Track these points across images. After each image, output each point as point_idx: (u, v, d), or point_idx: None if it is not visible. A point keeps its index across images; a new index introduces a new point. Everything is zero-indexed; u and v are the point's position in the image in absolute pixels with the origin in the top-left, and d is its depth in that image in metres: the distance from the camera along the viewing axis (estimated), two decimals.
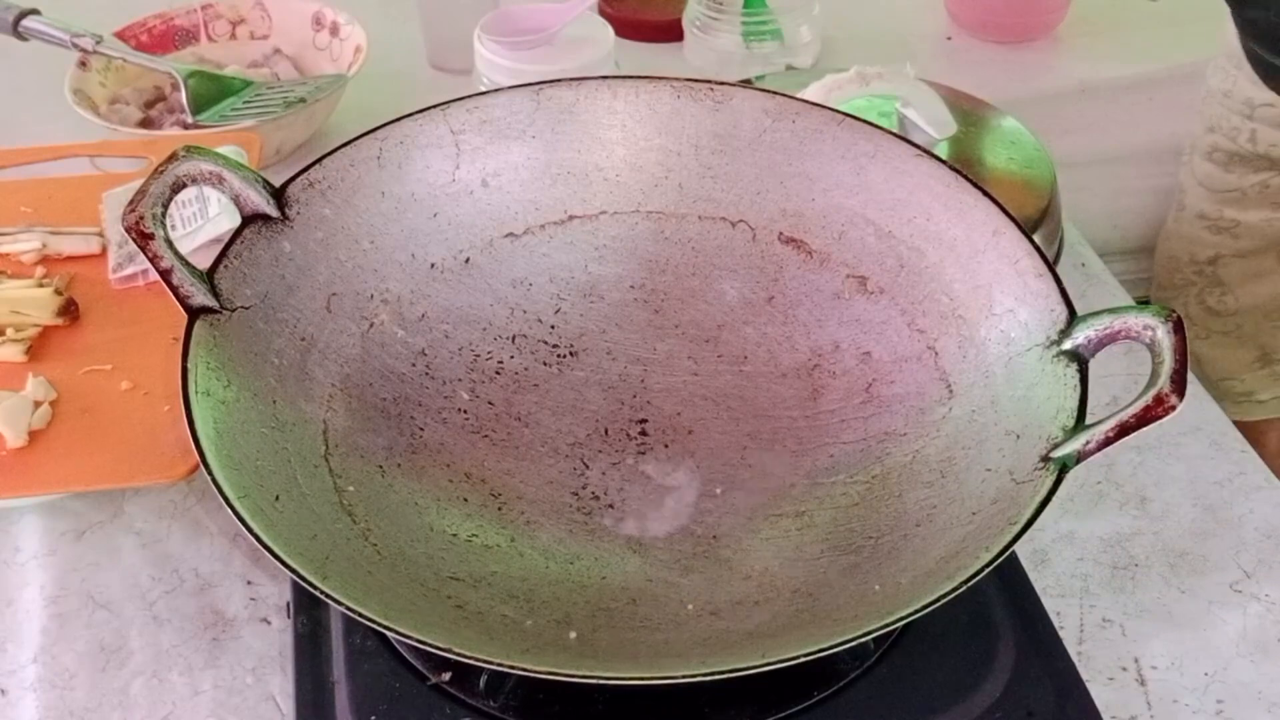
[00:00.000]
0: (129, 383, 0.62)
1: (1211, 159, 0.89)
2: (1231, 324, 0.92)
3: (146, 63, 0.87)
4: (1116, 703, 0.53)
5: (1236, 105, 0.86)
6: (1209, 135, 0.89)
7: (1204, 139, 0.90)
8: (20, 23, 0.85)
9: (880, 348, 0.56)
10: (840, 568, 0.50)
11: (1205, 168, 0.90)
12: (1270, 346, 0.92)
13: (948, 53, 1.03)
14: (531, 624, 0.48)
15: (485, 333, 0.59)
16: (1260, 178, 0.87)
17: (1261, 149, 0.85)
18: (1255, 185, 0.87)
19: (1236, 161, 0.88)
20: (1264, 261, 0.90)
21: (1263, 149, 0.85)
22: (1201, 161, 0.90)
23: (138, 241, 0.49)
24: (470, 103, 0.59)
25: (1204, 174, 0.90)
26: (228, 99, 0.86)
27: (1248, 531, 0.61)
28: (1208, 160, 0.89)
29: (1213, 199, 0.90)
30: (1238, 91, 0.86)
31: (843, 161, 0.58)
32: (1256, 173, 0.87)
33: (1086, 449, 0.45)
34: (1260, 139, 0.85)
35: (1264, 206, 0.88)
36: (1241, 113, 0.86)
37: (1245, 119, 0.86)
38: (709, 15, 0.95)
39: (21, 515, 0.62)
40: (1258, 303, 0.91)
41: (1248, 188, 0.88)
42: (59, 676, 0.55)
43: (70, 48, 0.85)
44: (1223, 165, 0.88)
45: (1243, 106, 0.85)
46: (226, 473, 0.45)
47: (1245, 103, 0.85)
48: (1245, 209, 0.88)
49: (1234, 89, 0.86)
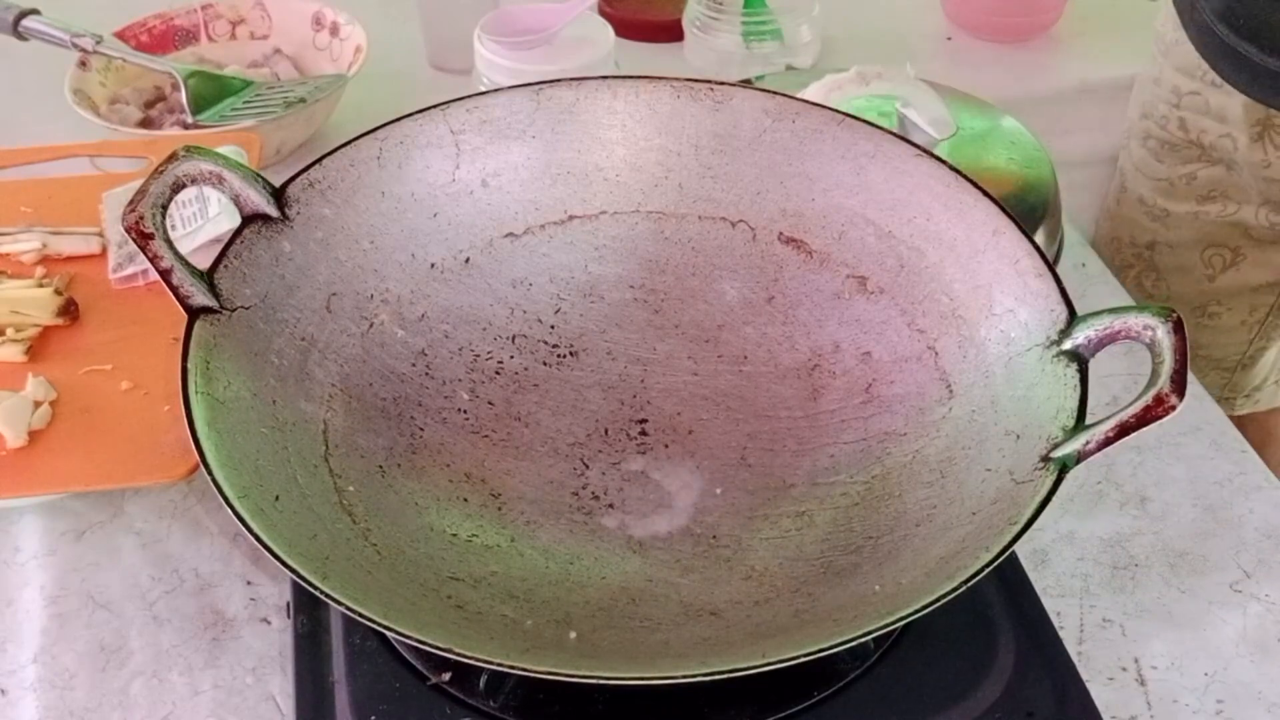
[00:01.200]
0: (129, 383, 0.62)
1: (1145, 146, 0.89)
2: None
3: (146, 63, 0.87)
4: (1116, 703, 0.53)
5: (1164, 94, 0.86)
6: (1142, 121, 0.89)
7: (1138, 124, 0.90)
8: (20, 23, 0.85)
9: (880, 348, 0.56)
10: (840, 568, 0.50)
11: (1140, 153, 0.90)
12: (1196, 341, 0.91)
13: (947, 53, 1.03)
14: (531, 624, 0.48)
15: (485, 333, 0.59)
16: (1188, 169, 0.87)
17: (1193, 135, 0.85)
18: (1183, 176, 0.87)
19: (1167, 150, 0.87)
20: (1190, 255, 0.89)
21: (1193, 135, 0.85)
22: (1137, 147, 0.90)
23: (138, 241, 0.49)
24: (470, 103, 0.59)
25: (1139, 159, 0.90)
26: (228, 99, 0.86)
27: (1248, 531, 0.61)
28: (1142, 146, 0.89)
29: (1148, 185, 0.90)
30: (1165, 79, 0.86)
31: (843, 161, 0.58)
32: (1185, 164, 0.87)
33: (1086, 449, 0.45)
34: (1190, 126, 0.85)
35: (1190, 199, 0.88)
36: (1169, 101, 0.86)
37: (1173, 107, 0.85)
38: (709, 15, 0.95)
39: (21, 515, 0.62)
40: (1184, 295, 0.91)
41: (1176, 178, 0.87)
42: (59, 676, 0.55)
43: (70, 48, 0.85)
44: (1154, 153, 0.88)
45: (1170, 95, 0.86)
46: (226, 473, 0.45)
47: (1173, 90, 0.85)
48: (1174, 200, 0.89)
49: (1161, 76, 0.86)
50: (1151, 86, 0.88)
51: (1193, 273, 0.90)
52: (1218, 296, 0.90)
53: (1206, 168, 0.86)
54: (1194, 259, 0.89)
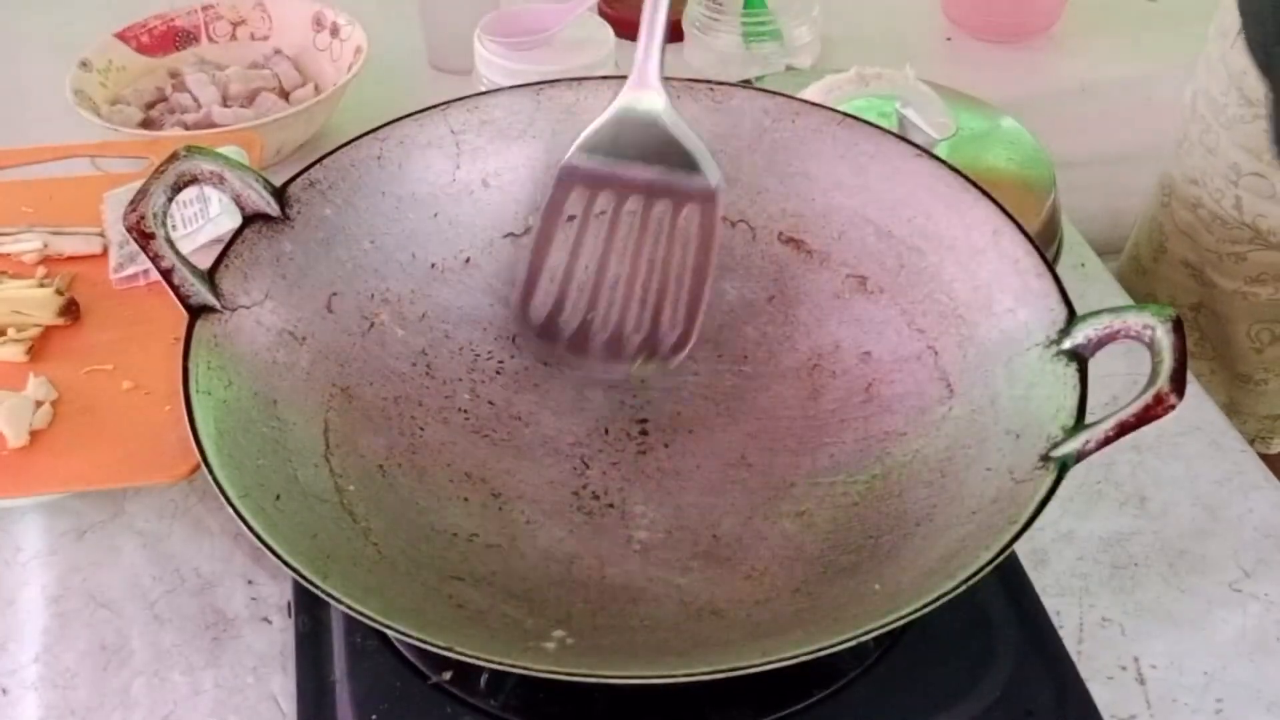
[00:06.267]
0: (130, 382, 0.62)
1: (1195, 213, 0.83)
2: (1206, 368, 0.88)
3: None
4: (1116, 702, 0.53)
5: (1220, 166, 0.79)
6: (1191, 187, 0.83)
7: (1185, 188, 0.83)
8: None
9: (880, 347, 0.56)
10: (840, 567, 0.50)
11: (1186, 218, 0.84)
12: (1238, 400, 0.88)
13: (947, 53, 1.03)
14: (532, 623, 0.48)
15: (485, 332, 0.59)
16: (1238, 249, 0.81)
17: (1248, 217, 0.79)
18: (1232, 255, 0.82)
19: (1218, 224, 0.81)
20: (1235, 328, 0.85)
21: (1248, 218, 0.79)
22: (1182, 210, 0.84)
23: (139, 241, 0.49)
24: (470, 103, 0.59)
25: (1184, 223, 0.84)
26: None
27: (1247, 531, 0.61)
28: (1190, 212, 0.83)
29: (1193, 253, 0.85)
30: (1223, 151, 0.79)
31: (843, 161, 0.58)
32: (1235, 243, 0.81)
33: (1086, 448, 0.45)
34: (1246, 207, 0.79)
35: (1238, 279, 0.83)
36: (1226, 176, 0.79)
37: (1230, 183, 0.79)
38: (709, 16, 0.95)
39: (23, 515, 0.62)
40: (1227, 361, 0.87)
41: (1224, 255, 0.82)
42: (60, 676, 0.55)
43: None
44: (1204, 223, 0.82)
45: (1228, 170, 0.79)
46: (228, 472, 0.45)
47: (1232, 166, 0.79)
48: (1220, 274, 0.83)
49: (1218, 147, 0.79)
50: (1203, 153, 0.81)
51: (1238, 345, 0.86)
52: (1265, 364, 0.87)
53: (1260, 251, 0.81)
54: (1239, 333, 0.86)
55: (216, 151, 0.52)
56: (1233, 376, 0.88)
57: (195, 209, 0.67)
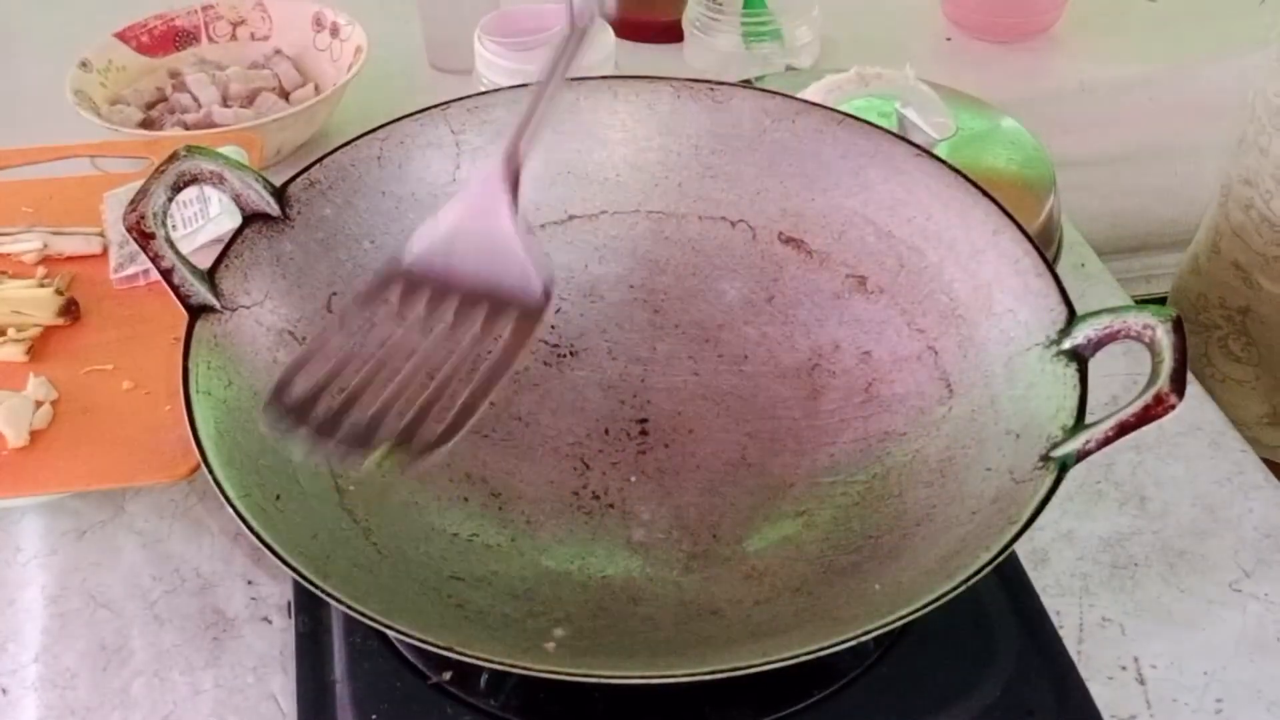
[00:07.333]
0: (130, 382, 0.62)
1: (1246, 214, 0.81)
2: (1251, 374, 0.86)
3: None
4: (1116, 702, 0.53)
5: (1270, 167, 0.78)
6: (1244, 187, 0.81)
7: (1240, 189, 0.82)
8: None
9: (880, 348, 0.56)
10: (840, 567, 0.50)
11: (1239, 219, 0.82)
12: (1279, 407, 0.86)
13: (947, 53, 1.03)
14: (532, 623, 0.48)
15: None
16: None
17: None
18: (1278, 259, 0.80)
19: (1267, 226, 0.80)
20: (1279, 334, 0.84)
21: None
22: (1236, 211, 0.82)
23: (139, 241, 0.49)
24: (470, 103, 0.59)
25: (1237, 224, 0.82)
26: None
27: (1247, 531, 0.61)
28: (1243, 214, 0.82)
29: (1244, 254, 0.83)
30: (1275, 151, 0.77)
31: (843, 161, 0.58)
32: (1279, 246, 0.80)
33: (1086, 448, 0.45)
34: None
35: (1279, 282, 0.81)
36: (1276, 177, 0.78)
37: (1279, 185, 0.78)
38: (709, 16, 0.95)
39: (22, 515, 0.62)
40: (1271, 366, 0.85)
41: (1271, 258, 0.80)
42: (60, 676, 0.55)
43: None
44: (1255, 225, 0.81)
45: (1277, 171, 0.77)
46: (227, 472, 0.45)
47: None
48: (1268, 278, 0.81)
49: (1270, 147, 0.77)
50: (1257, 154, 0.79)
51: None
52: None
53: None
54: None
55: (216, 151, 0.52)
56: (1276, 384, 0.86)
57: (195, 209, 0.67)
